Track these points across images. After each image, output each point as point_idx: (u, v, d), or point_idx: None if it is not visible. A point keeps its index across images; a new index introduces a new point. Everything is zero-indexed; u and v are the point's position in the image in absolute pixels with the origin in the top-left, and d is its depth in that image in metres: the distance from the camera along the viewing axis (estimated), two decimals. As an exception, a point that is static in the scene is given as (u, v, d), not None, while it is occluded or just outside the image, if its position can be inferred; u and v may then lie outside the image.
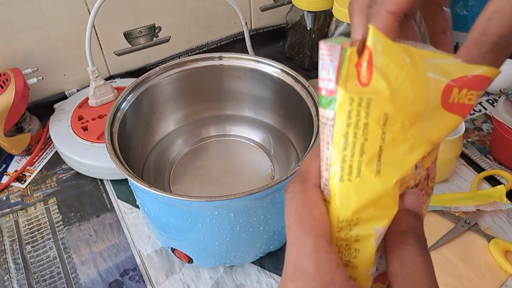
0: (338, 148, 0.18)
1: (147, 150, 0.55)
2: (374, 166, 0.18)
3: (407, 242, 0.20)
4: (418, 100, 0.18)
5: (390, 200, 0.19)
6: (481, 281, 0.47)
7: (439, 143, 0.20)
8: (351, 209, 0.19)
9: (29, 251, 0.53)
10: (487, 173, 0.58)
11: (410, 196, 0.21)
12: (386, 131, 0.18)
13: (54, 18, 0.63)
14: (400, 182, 0.19)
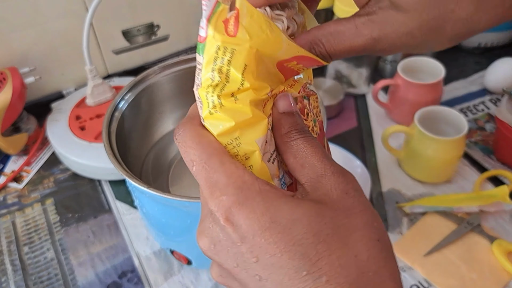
0: (205, 88, 0.22)
1: (146, 150, 0.54)
2: (232, 99, 0.22)
3: (292, 138, 0.22)
4: (270, 59, 0.22)
5: (253, 114, 0.22)
6: (484, 282, 0.47)
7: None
8: (227, 132, 0.22)
9: (26, 252, 0.52)
10: (490, 173, 0.57)
11: (279, 101, 0.23)
12: (245, 79, 0.21)
13: (52, 16, 0.63)
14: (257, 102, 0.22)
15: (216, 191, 0.20)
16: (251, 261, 0.20)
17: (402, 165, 0.59)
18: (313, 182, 0.21)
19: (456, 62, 0.76)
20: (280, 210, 0.20)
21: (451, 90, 0.71)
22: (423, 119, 0.55)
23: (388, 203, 0.55)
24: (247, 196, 0.20)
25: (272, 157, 0.23)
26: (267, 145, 0.23)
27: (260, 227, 0.19)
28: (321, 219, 0.19)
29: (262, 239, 0.19)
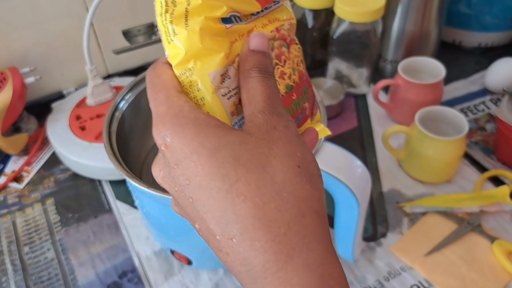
0: (159, 18, 0.23)
1: (146, 150, 0.54)
2: (183, 23, 0.23)
3: (251, 76, 0.23)
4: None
5: (208, 44, 0.23)
6: (484, 283, 0.47)
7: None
8: (182, 61, 0.23)
9: (26, 252, 0.52)
10: (490, 173, 0.57)
11: (252, 38, 0.24)
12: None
13: (52, 16, 0.63)
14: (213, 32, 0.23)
15: (157, 120, 0.22)
16: (184, 183, 0.21)
17: (402, 165, 0.59)
18: (252, 116, 0.23)
19: (456, 62, 0.76)
20: (208, 135, 0.21)
21: (452, 90, 0.71)
22: (424, 119, 0.55)
23: (388, 203, 0.55)
24: (181, 122, 0.22)
25: (230, 94, 0.24)
26: (227, 81, 0.24)
27: (190, 150, 0.21)
28: (244, 146, 0.21)
29: (191, 162, 0.21)
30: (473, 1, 0.72)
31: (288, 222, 0.20)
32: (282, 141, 0.22)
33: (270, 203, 0.20)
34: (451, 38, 0.77)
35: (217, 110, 0.24)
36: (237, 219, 0.20)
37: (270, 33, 0.26)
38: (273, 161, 0.21)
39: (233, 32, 0.24)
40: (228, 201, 0.20)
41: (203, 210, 0.21)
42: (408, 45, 0.69)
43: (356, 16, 0.61)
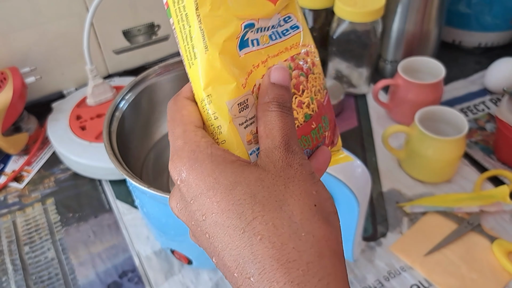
0: (181, 43, 0.23)
1: (146, 150, 0.54)
2: (202, 45, 0.23)
3: (270, 109, 0.23)
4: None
5: (225, 73, 0.23)
6: (484, 282, 0.47)
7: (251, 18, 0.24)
8: (201, 88, 0.23)
9: (27, 252, 0.52)
10: (490, 173, 0.57)
11: (274, 72, 0.24)
12: (200, 15, 0.22)
13: (52, 16, 0.63)
14: (231, 58, 0.23)
15: (174, 155, 0.23)
16: (200, 219, 0.21)
17: (402, 165, 0.59)
18: (267, 151, 0.23)
19: (456, 62, 0.76)
20: (225, 172, 0.21)
21: (452, 90, 0.71)
22: (424, 119, 0.55)
23: (388, 203, 0.55)
24: (197, 158, 0.22)
25: (247, 123, 0.24)
26: (245, 110, 0.24)
27: (205, 186, 0.21)
28: (260, 183, 0.21)
29: (207, 198, 0.21)
30: (473, 1, 0.72)
31: (307, 263, 0.20)
32: (297, 179, 0.22)
33: (288, 243, 0.20)
34: (451, 38, 0.78)
35: (234, 139, 0.24)
36: (255, 259, 0.20)
37: (284, 62, 0.26)
38: (290, 200, 0.21)
39: (248, 61, 0.24)
40: (245, 240, 0.20)
41: (220, 247, 0.21)
42: (408, 45, 0.69)
43: (356, 16, 0.61)
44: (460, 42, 0.77)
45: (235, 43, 0.24)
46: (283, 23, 0.26)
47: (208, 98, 0.23)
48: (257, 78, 0.24)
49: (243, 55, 0.24)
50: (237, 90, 0.23)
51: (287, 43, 0.26)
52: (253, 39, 0.25)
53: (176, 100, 0.25)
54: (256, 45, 0.25)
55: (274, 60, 0.25)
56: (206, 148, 0.22)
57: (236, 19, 0.23)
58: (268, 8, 0.25)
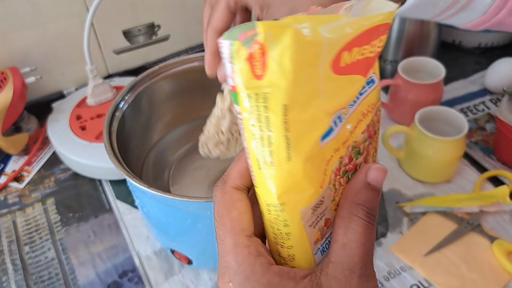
0: (249, 140, 0.19)
1: (146, 150, 0.54)
2: (284, 154, 0.19)
3: (357, 214, 0.21)
4: (310, 79, 0.18)
5: (306, 182, 0.19)
6: (484, 282, 0.47)
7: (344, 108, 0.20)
8: (273, 195, 0.20)
9: (27, 252, 0.52)
10: (490, 174, 0.57)
11: (374, 171, 0.22)
12: (288, 121, 0.18)
13: (53, 16, 0.63)
14: (313, 160, 0.19)
15: (226, 274, 0.20)
16: None
17: (402, 165, 0.59)
18: (338, 270, 0.20)
19: (456, 62, 0.76)
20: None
21: (452, 90, 0.71)
22: (424, 119, 0.55)
23: (388, 203, 0.55)
24: (254, 287, 0.20)
25: (317, 219, 0.21)
26: (319, 208, 0.21)
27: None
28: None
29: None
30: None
31: None
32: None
33: None
34: (451, 38, 0.78)
35: (302, 244, 0.21)
36: None
37: (361, 135, 0.22)
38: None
39: (329, 148, 0.20)
40: None
41: None
42: (408, 45, 0.69)
43: (356, 16, 0.61)
44: (460, 42, 0.77)
45: (319, 140, 0.20)
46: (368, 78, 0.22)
47: (281, 206, 0.20)
48: (335, 162, 0.21)
49: (325, 144, 0.20)
50: (314, 194, 0.20)
51: (363, 106, 0.22)
52: (335, 120, 0.20)
53: (224, 192, 0.22)
54: (338, 123, 0.21)
55: (354, 135, 0.22)
56: (262, 276, 0.20)
57: (325, 115, 0.19)
58: (359, 83, 0.21)
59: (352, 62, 0.19)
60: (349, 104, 0.20)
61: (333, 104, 0.19)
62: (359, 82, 0.21)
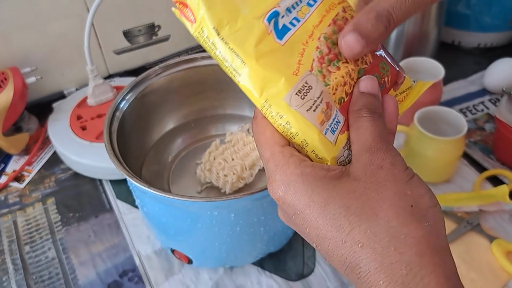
0: (223, 67, 0.25)
1: (147, 150, 0.54)
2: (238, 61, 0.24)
3: (361, 115, 0.25)
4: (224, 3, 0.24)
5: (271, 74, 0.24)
6: (483, 282, 0.47)
7: None
8: (257, 97, 0.24)
9: (27, 251, 0.53)
10: (489, 173, 0.57)
11: (363, 81, 0.26)
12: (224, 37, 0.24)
13: (53, 16, 0.63)
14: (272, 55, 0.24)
15: (270, 178, 0.24)
16: (305, 230, 0.23)
17: (402, 165, 0.59)
18: (358, 156, 0.24)
19: (455, 62, 0.76)
20: (317, 190, 0.23)
21: (451, 90, 0.71)
22: (423, 119, 0.55)
23: (388, 202, 0.55)
24: (289, 180, 0.23)
25: (316, 104, 0.25)
26: (309, 93, 0.24)
27: (302, 205, 0.23)
28: (352, 195, 0.22)
29: (306, 215, 0.23)
30: (472, 2, 0.72)
31: (408, 263, 0.21)
32: (389, 181, 0.23)
33: (389, 247, 0.21)
34: (450, 39, 0.78)
35: (305, 128, 0.24)
36: (360, 262, 0.21)
37: (328, 27, 0.26)
38: (384, 205, 0.22)
39: (294, 43, 0.25)
40: (348, 249, 0.22)
41: (327, 253, 0.23)
42: (407, 46, 0.69)
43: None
44: (460, 42, 0.77)
45: (271, 38, 0.24)
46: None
47: (267, 103, 0.24)
48: (313, 52, 0.25)
49: (286, 41, 0.25)
50: (288, 82, 0.24)
51: (325, 5, 0.26)
52: (290, 21, 0.25)
53: (257, 123, 0.26)
54: (297, 24, 0.25)
55: (320, 29, 0.26)
56: (296, 169, 0.23)
57: (255, 19, 0.24)
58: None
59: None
60: (278, 3, 0.25)
61: (257, 10, 0.24)
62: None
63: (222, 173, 0.51)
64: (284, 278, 0.49)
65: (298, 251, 0.51)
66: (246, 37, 0.24)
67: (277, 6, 0.25)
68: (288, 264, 0.50)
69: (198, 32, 0.24)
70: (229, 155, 0.53)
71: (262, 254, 0.48)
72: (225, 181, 0.51)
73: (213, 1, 0.24)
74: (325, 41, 0.26)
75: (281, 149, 0.24)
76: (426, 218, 0.22)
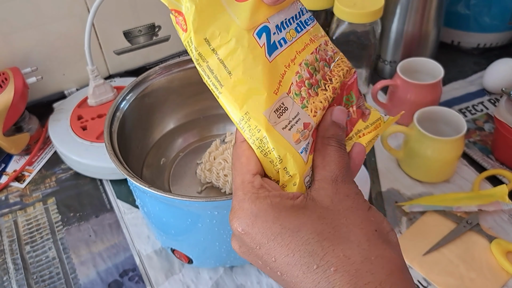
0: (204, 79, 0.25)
1: (147, 150, 0.54)
2: (224, 72, 0.24)
3: (330, 144, 0.26)
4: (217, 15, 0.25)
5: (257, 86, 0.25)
6: (482, 282, 0.47)
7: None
8: (237, 110, 0.25)
9: (28, 251, 0.53)
10: (488, 173, 0.57)
11: (337, 111, 0.27)
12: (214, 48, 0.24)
13: (54, 17, 0.63)
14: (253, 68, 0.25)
15: (236, 205, 0.24)
16: (270, 261, 0.23)
17: (401, 165, 0.60)
18: (323, 183, 0.25)
19: (455, 63, 0.76)
20: (288, 217, 0.23)
21: (450, 90, 0.71)
22: (422, 119, 0.56)
23: (387, 202, 0.56)
24: (260, 209, 0.23)
25: (291, 123, 0.25)
26: (285, 113, 0.25)
27: (272, 233, 0.23)
28: (323, 221, 0.23)
29: (276, 243, 0.23)
30: (471, 2, 0.72)
31: (380, 282, 0.22)
32: (355, 208, 0.24)
33: (362, 268, 0.22)
34: (449, 39, 0.78)
35: (281, 145, 0.25)
36: (333, 287, 0.22)
37: (311, 55, 0.27)
38: (354, 230, 0.23)
39: (279, 63, 0.26)
40: (320, 274, 0.22)
41: (294, 282, 0.23)
42: (407, 46, 0.69)
43: (355, 17, 0.61)
44: (459, 42, 0.78)
45: (262, 52, 0.25)
46: (304, 12, 0.28)
47: (247, 116, 0.25)
48: (292, 77, 0.26)
49: (273, 59, 0.25)
50: (269, 98, 0.25)
51: (310, 35, 0.28)
52: (279, 40, 0.26)
53: (236, 147, 0.26)
54: (284, 44, 0.26)
55: (302, 55, 0.27)
56: (265, 199, 0.24)
57: (246, 32, 0.25)
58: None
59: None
60: (268, 17, 0.26)
61: (249, 22, 0.25)
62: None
63: (222, 173, 0.51)
64: (284, 277, 0.49)
65: (298, 250, 0.51)
66: (235, 49, 0.24)
67: (266, 22, 0.25)
68: (288, 263, 0.50)
69: (187, 41, 0.25)
70: (229, 155, 0.53)
71: (262, 254, 0.48)
72: (225, 181, 0.51)
73: (206, 12, 0.24)
74: (306, 67, 0.27)
75: (252, 179, 0.25)
76: (389, 241, 0.24)
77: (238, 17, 0.25)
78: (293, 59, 0.26)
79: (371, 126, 0.30)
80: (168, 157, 0.56)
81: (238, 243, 0.25)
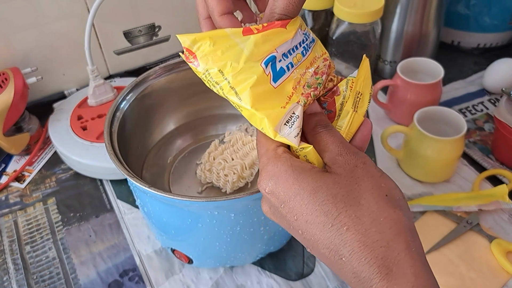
0: (230, 99, 0.29)
1: (147, 150, 0.54)
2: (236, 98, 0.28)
3: (317, 132, 0.28)
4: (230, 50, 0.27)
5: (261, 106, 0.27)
6: (482, 282, 0.47)
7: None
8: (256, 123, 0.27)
9: (28, 251, 0.53)
10: (489, 173, 0.57)
11: (309, 107, 0.29)
12: (227, 78, 0.27)
13: (54, 17, 0.63)
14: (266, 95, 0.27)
15: (262, 170, 0.27)
16: (292, 219, 0.26)
17: (401, 165, 0.60)
18: (332, 160, 0.27)
19: (455, 63, 0.76)
20: (306, 179, 0.26)
21: (450, 90, 0.71)
22: (422, 119, 0.56)
23: (387, 202, 0.55)
24: (281, 170, 0.26)
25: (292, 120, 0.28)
26: (296, 122, 0.27)
27: (292, 193, 0.26)
28: (337, 185, 0.25)
29: (296, 202, 0.25)
30: (471, 2, 0.72)
31: (388, 241, 0.24)
32: (366, 176, 0.26)
33: (371, 228, 0.24)
34: (450, 39, 0.78)
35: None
36: (345, 243, 0.24)
37: (311, 78, 0.29)
38: (365, 194, 0.25)
39: (285, 87, 0.28)
40: (334, 232, 0.24)
41: (313, 239, 0.25)
42: (407, 46, 0.69)
43: (356, 17, 0.61)
44: (459, 43, 0.78)
45: (267, 79, 0.27)
46: (308, 36, 0.30)
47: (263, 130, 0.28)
48: (298, 96, 0.28)
49: (278, 85, 0.28)
50: (278, 114, 0.27)
51: (309, 59, 0.29)
52: (287, 65, 0.28)
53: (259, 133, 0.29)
54: (291, 68, 0.28)
55: (304, 79, 0.29)
56: (286, 161, 0.26)
57: (254, 62, 0.27)
58: (282, 35, 0.28)
59: (263, 25, 0.27)
60: (276, 48, 0.28)
61: (258, 54, 0.27)
62: (282, 34, 0.28)
63: (223, 173, 0.51)
64: (284, 277, 0.49)
65: (298, 251, 0.51)
66: (247, 77, 0.27)
67: (274, 52, 0.27)
68: (288, 263, 0.50)
69: (204, 74, 0.27)
70: (229, 155, 0.53)
71: (262, 254, 0.48)
72: (226, 181, 0.51)
73: (216, 53, 0.27)
74: (309, 87, 0.29)
75: (275, 148, 0.27)
76: (399, 206, 0.26)
77: (247, 49, 0.27)
78: (298, 82, 0.28)
79: (348, 91, 0.31)
80: (168, 157, 0.56)
81: (268, 204, 0.28)
